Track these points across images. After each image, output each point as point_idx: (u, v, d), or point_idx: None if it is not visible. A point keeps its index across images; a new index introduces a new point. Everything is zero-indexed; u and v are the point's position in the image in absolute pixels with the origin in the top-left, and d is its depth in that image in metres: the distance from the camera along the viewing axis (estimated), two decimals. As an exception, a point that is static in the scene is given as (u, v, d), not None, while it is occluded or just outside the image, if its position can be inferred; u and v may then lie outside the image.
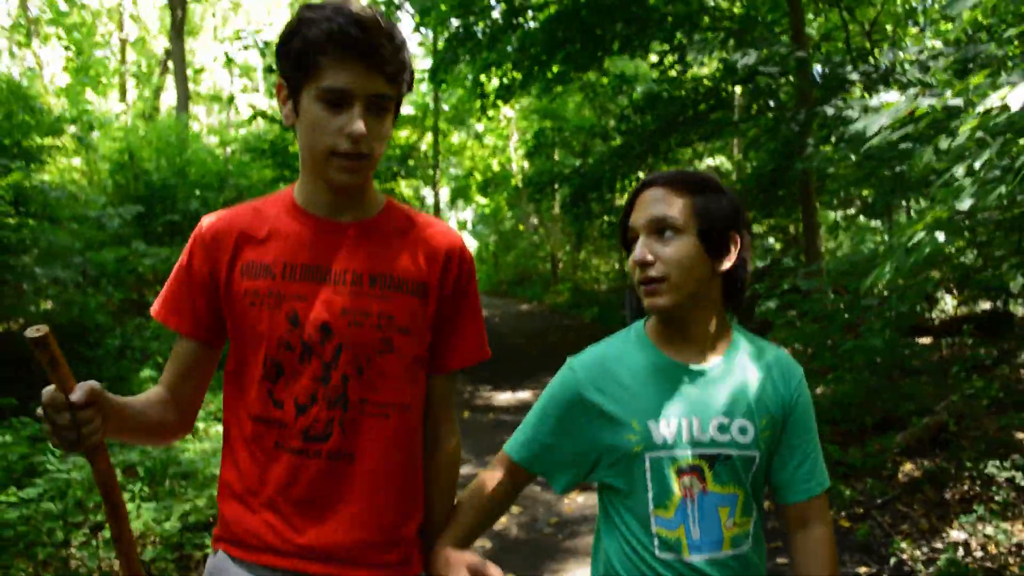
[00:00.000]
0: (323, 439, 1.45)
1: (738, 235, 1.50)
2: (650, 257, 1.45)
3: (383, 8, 16.12)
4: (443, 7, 11.35)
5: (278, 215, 1.51)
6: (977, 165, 2.99)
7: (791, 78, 10.80)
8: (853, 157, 5.79)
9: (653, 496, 1.50)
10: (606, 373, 1.56)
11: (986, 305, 9.10)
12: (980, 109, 2.63)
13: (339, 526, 1.46)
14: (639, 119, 13.32)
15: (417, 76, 17.80)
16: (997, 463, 4.51)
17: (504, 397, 9.18)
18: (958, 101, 3.36)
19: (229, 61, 10.10)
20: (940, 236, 3.21)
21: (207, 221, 1.52)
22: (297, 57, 1.37)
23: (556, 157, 21.47)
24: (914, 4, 13.57)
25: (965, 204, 3.36)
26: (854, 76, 10.19)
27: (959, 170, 3.00)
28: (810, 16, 13.54)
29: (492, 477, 1.66)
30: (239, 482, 1.49)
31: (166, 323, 1.51)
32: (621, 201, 17.24)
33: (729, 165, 18.19)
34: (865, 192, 11.26)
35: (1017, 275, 5.36)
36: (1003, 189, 2.96)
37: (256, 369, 1.46)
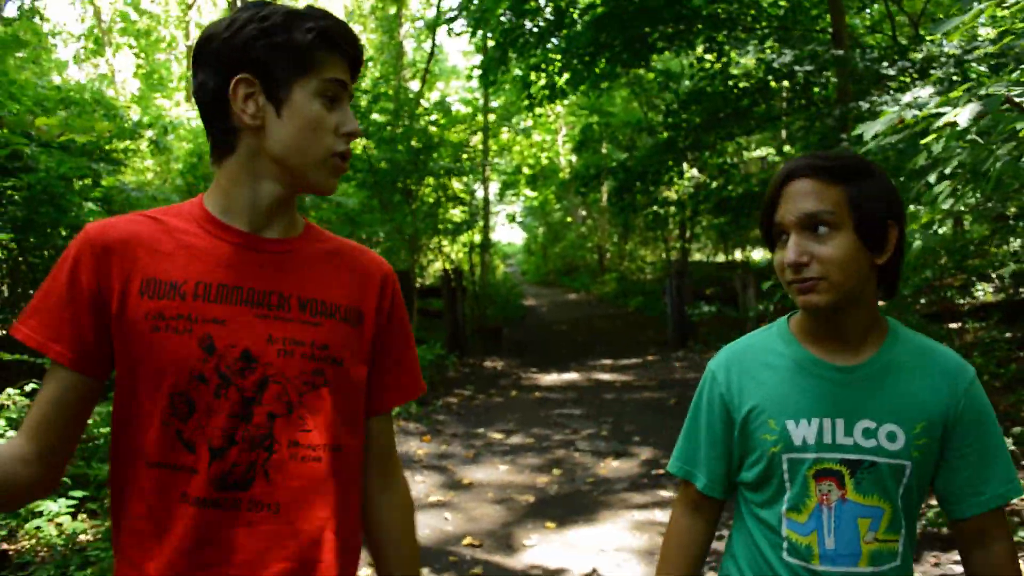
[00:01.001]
0: (243, 487, 1.20)
1: (895, 223, 1.37)
2: (805, 258, 1.33)
3: (429, 38, 16.75)
4: (492, 16, 11.90)
5: (187, 227, 1.27)
6: (947, 171, 3.48)
7: (829, 75, 11.14)
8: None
9: (788, 498, 1.41)
10: (745, 372, 1.48)
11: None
12: (939, 124, 3.13)
13: None
14: (684, 114, 13.73)
15: (468, 75, 18.33)
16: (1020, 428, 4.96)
17: (550, 378, 9.77)
18: (945, 110, 3.85)
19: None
20: (928, 235, 3.69)
21: (95, 228, 1.24)
22: (294, 50, 1.23)
23: (603, 151, 21.95)
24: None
25: (946, 205, 3.87)
26: (891, 71, 10.47)
27: (932, 177, 3.50)
28: (859, 5, 13.82)
29: (676, 524, 1.57)
30: (136, 547, 1.21)
31: (43, 351, 1.19)
32: (667, 193, 17.70)
33: (777, 157, 18.48)
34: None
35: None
36: (978, 194, 3.45)
37: (157, 406, 1.19)
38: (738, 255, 20.61)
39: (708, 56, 12.74)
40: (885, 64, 10.39)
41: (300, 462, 1.24)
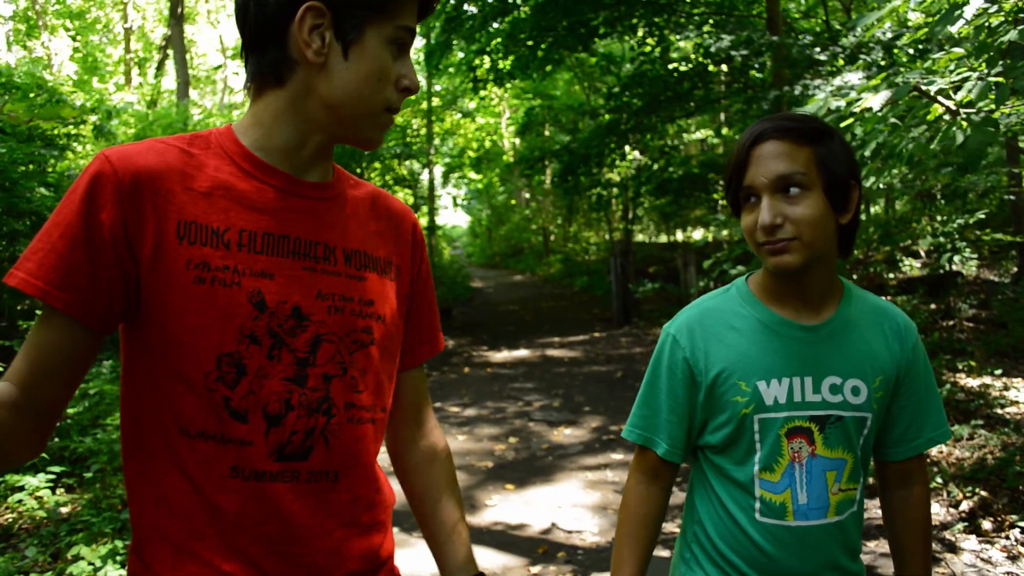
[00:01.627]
0: (302, 456, 1.11)
1: (857, 183, 1.40)
2: (779, 220, 1.33)
3: None
4: (439, -4, 12.07)
5: (221, 164, 1.12)
6: (867, 153, 3.84)
7: (765, 59, 11.58)
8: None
9: (760, 459, 1.41)
10: (709, 335, 1.46)
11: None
12: (856, 109, 3.48)
13: (323, 562, 1.15)
14: (625, 97, 14.10)
15: (414, 61, 18.44)
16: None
17: (500, 356, 10.07)
18: (866, 96, 4.20)
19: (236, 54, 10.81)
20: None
21: (118, 156, 1.05)
22: None
23: (547, 133, 22.27)
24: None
25: (868, 183, 4.24)
26: (822, 57, 10.92)
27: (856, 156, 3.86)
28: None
29: (635, 493, 1.55)
30: (178, 526, 1.09)
31: (47, 299, 1.01)
32: (610, 175, 18.09)
33: (716, 139, 18.99)
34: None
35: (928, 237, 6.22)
36: (895, 170, 3.80)
37: (199, 369, 1.06)
38: (680, 236, 21.15)
39: (648, 40, 13.11)
40: (818, 50, 10.84)
41: (356, 425, 1.17)
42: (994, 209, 11.00)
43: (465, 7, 12.32)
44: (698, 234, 20.27)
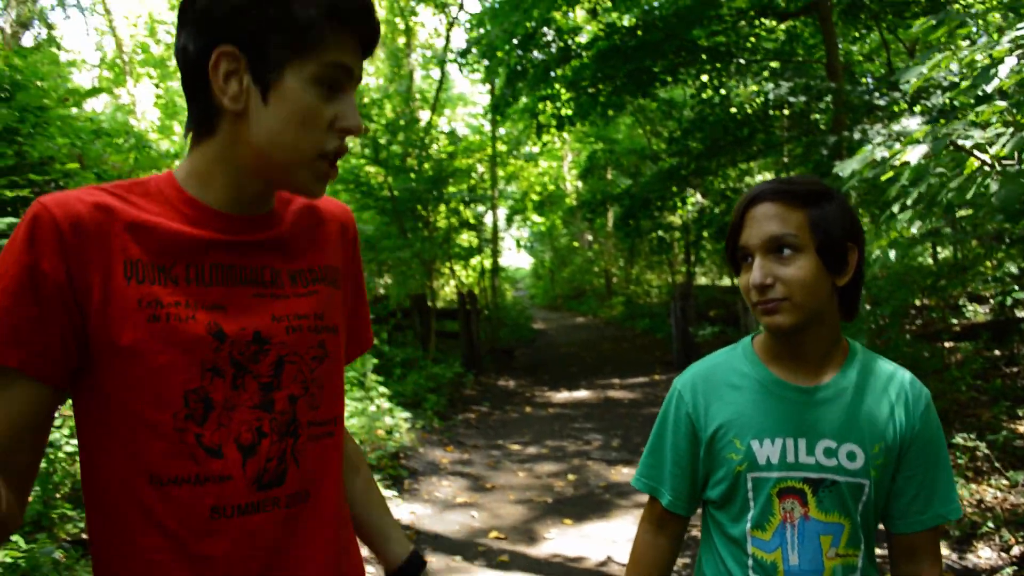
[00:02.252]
0: (279, 482, 1.09)
1: (855, 245, 1.41)
2: (770, 280, 1.35)
3: (439, 67, 17.37)
4: (501, 52, 12.55)
5: (162, 209, 1.08)
6: (909, 202, 4.02)
7: (826, 103, 11.71)
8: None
9: (752, 516, 1.44)
10: (711, 391, 1.49)
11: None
12: (896, 162, 3.67)
13: None
14: (687, 142, 14.33)
15: (478, 111, 18.88)
16: (964, 435, 5.46)
17: (560, 396, 10.26)
18: (913, 148, 4.37)
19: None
20: (892, 254, 4.23)
21: (55, 203, 1.01)
22: (292, 25, 1.02)
23: (609, 176, 22.58)
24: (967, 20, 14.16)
25: (914, 229, 4.40)
26: (881, 102, 11.01)
27: (895, 207, 4.04)
28: (855, 35, 14.45)
29: (641, 541, 1.60)
30: None
31: (3, 361, 0.97)
32: (671, 218, 18.27)
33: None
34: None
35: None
36: (935, 220, 3.97)
37: (167, 411, 1.02)
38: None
39: (707, 87, 13.38)
40: (877, 95, 10.94)
41: (317, 441, 1.15)
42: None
43: (531, 53, 12.74)
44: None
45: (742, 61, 13.05)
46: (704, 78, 13.60)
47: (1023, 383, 7.83)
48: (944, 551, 4.42)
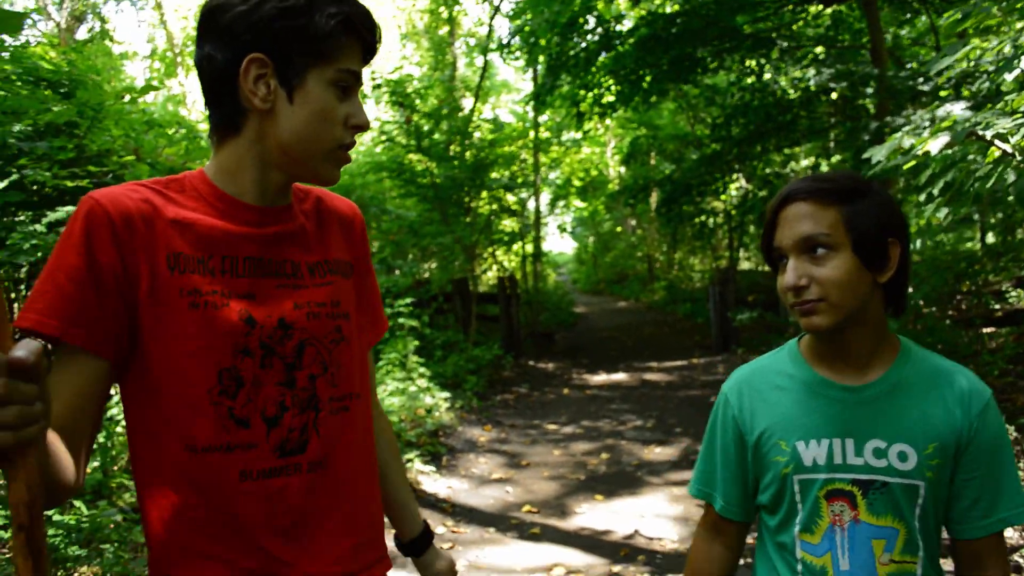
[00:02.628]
0: (300, 450, 1.23)
1: (897, 240, 1.37)
2: (804, 281, 1.33)
3: (481, 56, 17.54)
4: (543, 40, 12.67)
5: (197, 204, 1.23)
6: (935, 192, 4.10)
7: (870, 88, 11.63)
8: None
9: (800, 520, 1.41)
10: (756, 394, 1.48)
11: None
12: (919, 151, 3.75)
13: (328, 541, 1.27)
14: (729, 128, 14.31)
15: (521, 98, 18.96)
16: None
17: (599, 379, 10.44)
18: (940, 137, 4.44)
19: (363, 96, 11.62)
20: (918, 242, 4.32)
21: (107, 199, 1.14)
22: (313, 36, 1.18)
23: (652, 162, 22.56)
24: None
25: (940, 215, 4.48)
26: (925, 88, 10.93)
27: (922, 196, 4.13)
28: (901, 18, 14.28)
29: (697, 550, 1.60)
30: (196, 535, 1.18)
31: (66, 339, 1.10)
32: (715, 203, 18.25)
33: (825, 167, 18.89)
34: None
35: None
36: (963, 209, 4.07)
37: (203, 387, 1.16)
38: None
39: (749, 72, 13.34)
40: (921, 80, 10.84)
41: (335, 415, 1.28)
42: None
43: (572, 42, 12.83)
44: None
45: (785, 46, 13.00)
46: (748, 63, 13.57)
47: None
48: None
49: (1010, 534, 4.36)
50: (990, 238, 13.41)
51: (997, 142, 3.61)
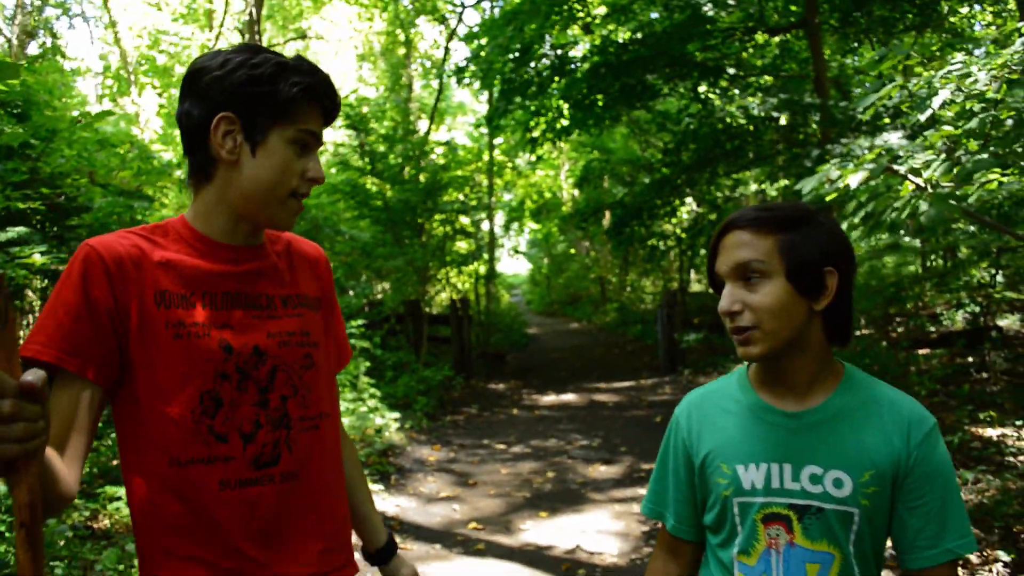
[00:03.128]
0: (274, 463, 1.37)
1: (834, 268, 1.37)
2: (737, 307, 1.35)
3: (437, 79, 17.74)
4: (498, 64, 12.90)
5: (180, 247, 1.39)
6: (856, 220, 4.35)
7: (812, 117, 12.03)
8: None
9: (739, 541, 1.43)
10: (704, 417, 1.51)
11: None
12: (840, 184, 3.99)
13: (299, 545, 1.41)
14: (680, 153, 14.67)
15: (475, 120, 19.19)
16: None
17: (548, 399, 10.59)
18: (860, 171, 4.66)
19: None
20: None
21: (101, 245, 1.31)
22: (277, 101, 1.34)
23: (605, 185, 22.91)
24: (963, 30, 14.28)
25: (863, 242, 4.72)
26: (864, 116, 11.34)
27: (844, 224, 4.37)
28: (845, 48, 14.78)
29: (651, 571, 1.64)
30: (180, 541, 1.32)
31: (63, 366, 1.25)
32: (666, 226, 18.60)
33: (773, 191, 19.36)
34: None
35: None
36: (882, 236, 4.31)
37: (187, 407, 1.30)
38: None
39: (696, 100, 13.72)
40: (860, 110, 11.23)
41: (305, 433, 1.43)
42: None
43: (525, 68, 13.06)
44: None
45: (731, 73, 13.40)
46: (696, 89, 13.92)
47: (993, 389, 8.17)
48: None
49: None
50: (936, 262, 13.90)
51: (910, 176, 3.86)
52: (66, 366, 1.25)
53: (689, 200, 17.66)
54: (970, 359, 9.10)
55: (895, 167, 3.86)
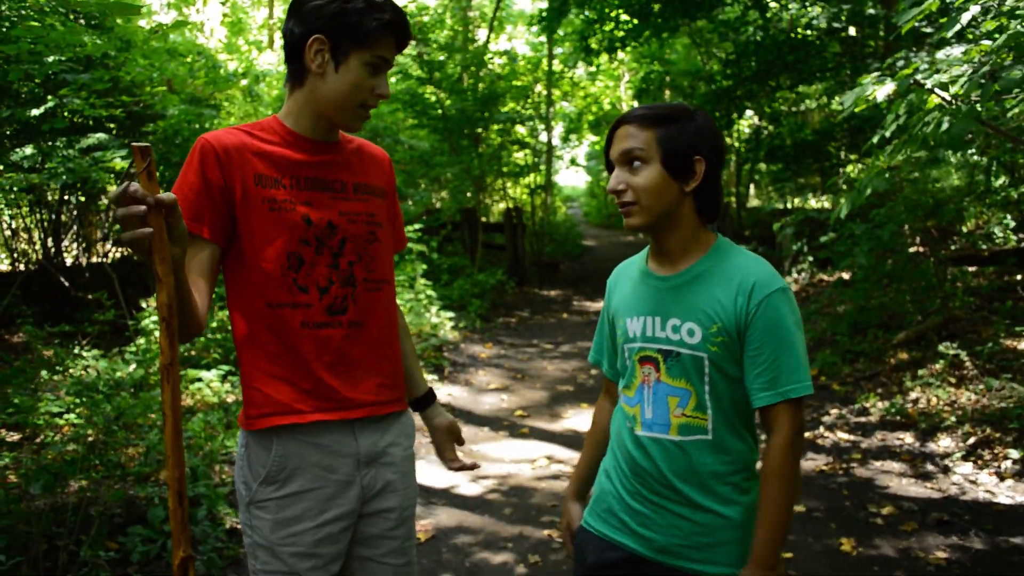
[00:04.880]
0: (343, 312, 1.69)
1: (702, 158, 1.62)
2: (621, 186, 1.61)
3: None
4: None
5: (272, 138, 1.70)
6: (887, 134, 4.53)
7: (878, 31, 11.79)
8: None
9: (625, 378, 1.75)
10: (617, 282, 1.83)
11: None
12: (880, 95, 4.13)
13: (363, 377, 1.73)
14: (738, 65, 14.49)
15: (529, 22, 18.97)
16: (946, 344, 6.03)
17: (597, 306, 10.98)
18: (887, 85, 4.77)
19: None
20: (876, 183, 4.75)
21: (213, 138, 1.63)
22: (359, 31, 1.62)
23: (666, 96, 22.66)
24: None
25: (888, 158, 4.91)
26: (929, 30, 11.14)
27: (875, 138, 4.56)
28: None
29: (597, 406, 1.99)
30: (271, 364, 1.67)
31: (192, 229, 1.57)
32: (728, 141, 18.44)
33: (837, 105, 18.92)
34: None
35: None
36: (909, 150, 4.49)
37: (275, 264, 1.63)
38: (797, 202, 21.21)
39: (751, 13, 13.46)
40: (925, 23, 11.01)
41: (369, 292, 1.74)
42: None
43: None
44: (814, 202, 20.36)
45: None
46: (751, 1, 13.64)
47: (1032, 306, 8.26)
48: (908, 439, 5.08)
49: (948, 443, 4.91)
50: (978, 177, 13.65)
51: (937, 90, 4.03)
52: (194, 230, 1.58)
53: (749, 113, 17.46)
54: (1018, 277, 9.15)
55: (921, 81, 4.02)
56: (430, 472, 4.46)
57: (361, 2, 1.63)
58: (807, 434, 5.32)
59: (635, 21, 13.38)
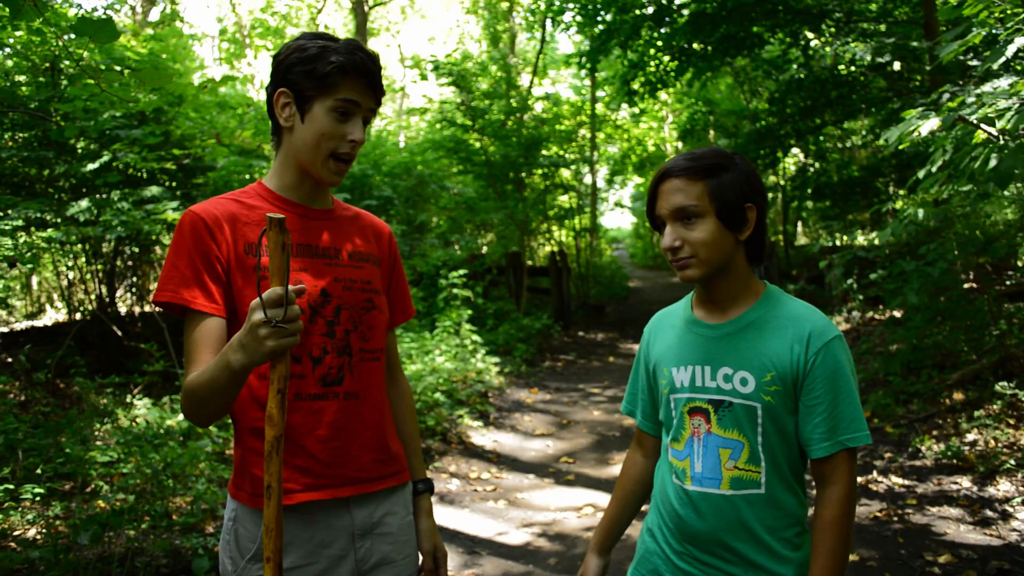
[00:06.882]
0: (338, 383, 1.65)
1: (753, 204, 1.62)
2: (678, 243, 1.59)
3: (543, 18, 17.75)
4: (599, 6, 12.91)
5: (260, 204, 1.67)
6: (934, 169, 4.45)
7: (923, 65, 11.67)
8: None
9: (672, 430, 1.70)
10: (657, 331, 1.81)
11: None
12: (924, 131, 4.07)
13: (357, 453, 1.68)
14: (783, 103, 14.43)
15: (565, 61, 19.11)
16: (1003, 384, 5.83)
17: (645, 348, 10.89)
18: (931, 120, 4.70)
19: (423, 76, 12.03)
20: (920, 213, 4.69)
21: (202, 210, 1.61)
22: (317, 77, 1.59)
23: (711, 137, 22.66)
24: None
25: (932, 190, 4.82)
26: (974, 63, 11.00)
27: (921, 173, 4.49)
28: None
29: (627, 458, 1.96)
30: (261, 442, 1.59)
31: (194, 307, 1.55)
32: (771, 178, 18.32)
33: (881, 141, 18.63)
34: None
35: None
36: (957, 186, 4.42)
37: None
38: (845, 239, 20.91)
39: (794, 47, 13.44)
40: (971, 55, 10.89)
41: (366, 362, 1.71)
42: None
43: (626, 16, 12.99)
44: (861, 239, 20.07)
45: (837, 17, 13.05)
46: (797, 36, 13.62)
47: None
48: (965, 483, 4.90)
49: (1008, 487, 4.73)
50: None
51: (983, 125, 3.96)
52: (195, 306, 1.56)
53: (795, 150, 17.32)
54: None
55: (965, 116, 3.96)
56: (474, 521, 4.42)
57: (315, 48, 1.62)
58: (859, 479, 5.19)
59: (676, 63, 13.44)
